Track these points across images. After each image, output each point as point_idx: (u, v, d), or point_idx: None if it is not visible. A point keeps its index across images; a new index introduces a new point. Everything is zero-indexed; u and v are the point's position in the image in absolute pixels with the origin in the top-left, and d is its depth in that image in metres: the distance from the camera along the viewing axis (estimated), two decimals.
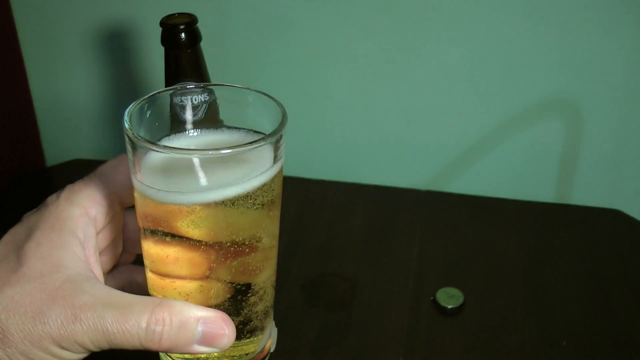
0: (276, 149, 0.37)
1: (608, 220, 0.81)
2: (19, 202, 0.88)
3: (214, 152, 0.34)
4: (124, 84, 0.91)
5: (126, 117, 0.36)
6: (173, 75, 0.60)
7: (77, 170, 0.93)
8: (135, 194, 0.37)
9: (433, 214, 0.82)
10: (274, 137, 0.36)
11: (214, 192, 0.35)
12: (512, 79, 0.81)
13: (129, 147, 0.36)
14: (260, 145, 0.35)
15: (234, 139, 0.40)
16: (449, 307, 0.67)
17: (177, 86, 0.41)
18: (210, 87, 0.42)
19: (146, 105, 0.38)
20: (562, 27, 0.77)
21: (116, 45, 0.88)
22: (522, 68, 0.80)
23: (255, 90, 0.39)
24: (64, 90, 0.93)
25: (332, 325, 0.66)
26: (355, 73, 0.84)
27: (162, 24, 0.59)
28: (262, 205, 0.37)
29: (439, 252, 0.76)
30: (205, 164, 0.36)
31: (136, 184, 0.37)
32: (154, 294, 0.40)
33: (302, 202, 0.84)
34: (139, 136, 0.35)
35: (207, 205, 0.36)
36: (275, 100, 0.38)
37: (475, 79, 0.82)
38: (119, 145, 0.96)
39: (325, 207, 0.84)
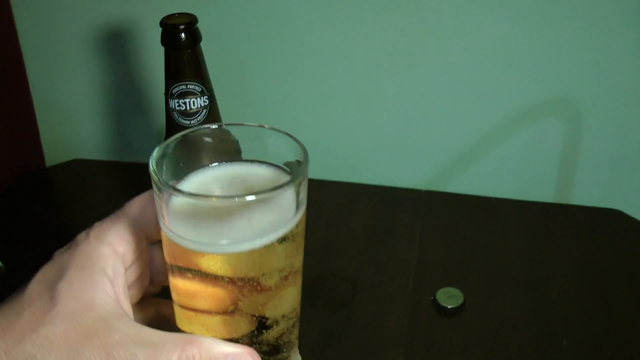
0: (299, 190, 0.37)
1: (608, 220, 0.81)
2: (18, 202, 0.88)
3: (239, 198, 0.35)
4: (124, 84, 0.91)
5: (152, 162, 0.37)
6: (173, 76, 0.60)
7: (77, 170, 0.94)
8: (163, 236, 0.38)
9: (433, 214, 0.82)
10: (298, 180, 0.36)
11: (243, 244, 0.36)
12: (512, 79, 0.81)
13: (155, 191, 0.37)
14: (284, 189, 0.36)
15: (258, 173, 0.40)
16: (449, 307, 0.67)
17: (201, 128, 0.41)
18: (229, 126, 0.43)
19: (170, 147, 0.39)
20: (562, 27, 0.77)
21: (116, 45, 0.88)
22: (522, 68, 0.80)
23: (275, 129, 0.40)
24: (64, 90, 0.93)
25: (332, 325, 0.66)
26: (355, 73, 0.84)
27: (162, 24, 0.59)
28: (288, 245, 0.38)
29: (439, 252, 0.76)
30: (231, 209, 0.37)
31: (164, 229, 0.38)
32: (181, 326, 0.41)
33: None
34: (165, 182, 0.36)
35: (236, 253, 0.37)
36: (295, 140, 0.39)
37: (475, 79, 0.82)
38: (118, 145, 0.96)
39: (325, 207, 0.84)
